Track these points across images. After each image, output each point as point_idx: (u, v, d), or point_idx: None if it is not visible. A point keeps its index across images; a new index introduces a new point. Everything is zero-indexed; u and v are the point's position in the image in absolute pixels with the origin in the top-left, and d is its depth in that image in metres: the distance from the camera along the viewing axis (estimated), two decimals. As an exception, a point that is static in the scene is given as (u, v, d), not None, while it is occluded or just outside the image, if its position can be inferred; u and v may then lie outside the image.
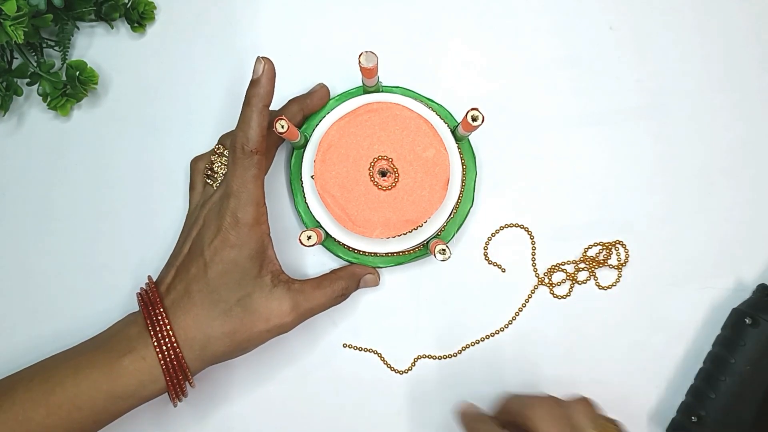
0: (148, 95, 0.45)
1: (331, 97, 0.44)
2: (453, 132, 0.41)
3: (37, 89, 0.43)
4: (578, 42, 0.46)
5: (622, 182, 0.45)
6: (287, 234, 0.44)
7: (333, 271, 0.41)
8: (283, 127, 0.36)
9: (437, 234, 0.42)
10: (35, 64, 0.43)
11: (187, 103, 0.45)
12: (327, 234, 0.41)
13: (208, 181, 0.40)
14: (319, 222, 0.41)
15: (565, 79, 0.46)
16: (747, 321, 0.40)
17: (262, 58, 0.36)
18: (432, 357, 0.43)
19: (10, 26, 0.38)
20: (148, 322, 0.35)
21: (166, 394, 0.36)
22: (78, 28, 0.46)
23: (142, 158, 0.45)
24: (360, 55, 0.36)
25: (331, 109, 0.42)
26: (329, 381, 0.43)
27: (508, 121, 0.45)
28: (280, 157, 0.44)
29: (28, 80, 0.43)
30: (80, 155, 0.45)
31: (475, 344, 0.43)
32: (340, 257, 0.42)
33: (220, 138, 0.41)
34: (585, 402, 0.34)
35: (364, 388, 0.43)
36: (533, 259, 0.44)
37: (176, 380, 0.35)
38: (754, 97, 0.46)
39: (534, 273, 0.44)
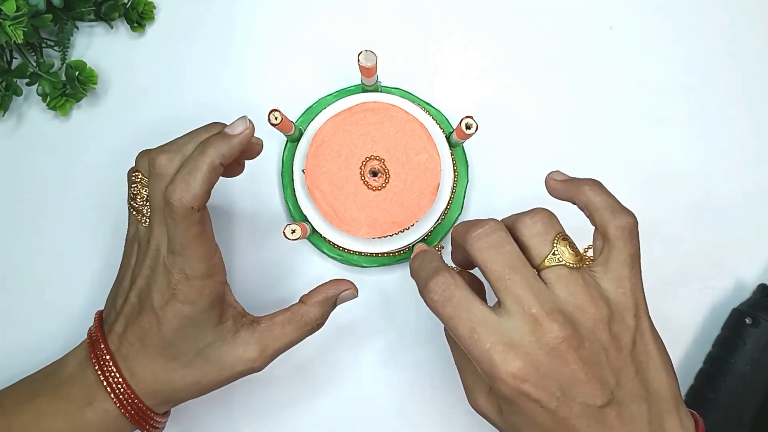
0: (147, 95, 0.45)
1: (328, 93, 0.44)
2: (448, 138, 0.41)
3: (37, 89, 0.43)
4: (578, 42, 0.46)
5: (622, 183, 0.44)
6: (273, 226, 0.44)
7: (302, 299, 0.36)
8: (276, 118, 0.36)
9: (423, 239, 0.42)
10: (35, 64, 0.43)
11: (187, 103, 0.45)
12: (313, 229, 0.41)
13: (134, 213, 0.35)
14: (306, 216, 0.41)
15: (565, 79, 0.46)
16: (747, 321, 0.40)
17: (247, 119, 0.32)
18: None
19: (9, 26, 0.38)
20: (102, 378, 0.33)
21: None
22: (77, 28, 0.46)
23: (142, 158, 0.45)
24: (359, 54, 0.36)
25: (328, 105, 0.42)
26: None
27: (506, 126, 0.45)
28: (274, 147, 0.44)
29: (27, 80, 0.43)
30: (80, 155, 0.45)
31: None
32: (325, 253, 0.42)
33: (138, 159, 0.35)
34: (538, 214, 0.29)
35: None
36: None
37: (148, 425, 0.34)
38: (754, 96, 0.46)
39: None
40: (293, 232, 0.36)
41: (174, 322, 0.32)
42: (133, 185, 0.35)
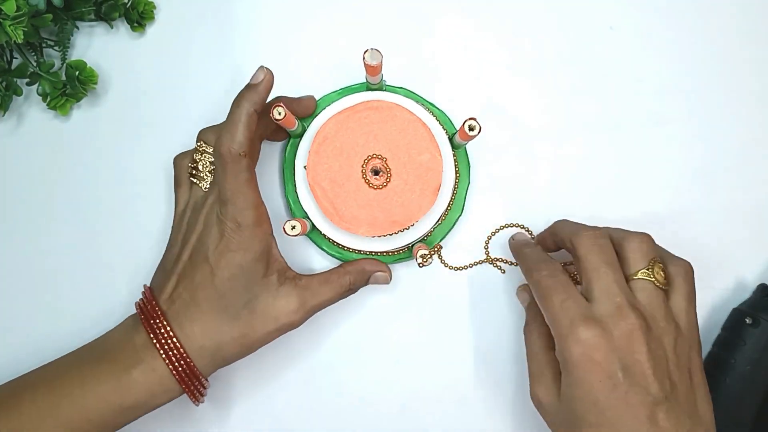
0: (147, 95, 0.45)
1: (332, 90, 0.44)
2: (451, 139, 0.41)
3: (37, 89, 0.43)
4: (578, 42, 0.46)
5: (622, 183, 0.45)
6: (273, 221, 0.43)
7: (342, 265, 0.40)
8: (280, 114, 0.36)
9: (423, 239, 0.42)
10: (35, 64, 0.43)
11: (187, 103, 0.45)
12: (313, 226, 0.41)
13: (194, 180, 0.39)
14: (306, 213, 0.41)
15: (565, 80, 0.46)
16: (747, 321, 0.40)
17: (265, 67, 0.36)
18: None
19: (9, 26, 0.38)
20: (152, 336, 0.35)
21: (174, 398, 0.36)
22: (78, 28, 0.46)
23: (142, 158, 0.45)
24: (365, 52, 0.36)
25: (332, 102, 0.42)
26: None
27: (507, 127, 0.45)
28: (276, 143, 0.44)
29: (27, 80, 0.43)
30: (80, 155, 0.45)
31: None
32: (324, 250, 0.42)
33: (200, 134, 0.39)
34: (646, 236, 0.34)
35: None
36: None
37: (193, 386, 0.35)
38: (754, 96, 0.46)
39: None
40: (293, 228, 0.36)
41: (227, 272, 0.35)
42: (196, 154, 0.39)
